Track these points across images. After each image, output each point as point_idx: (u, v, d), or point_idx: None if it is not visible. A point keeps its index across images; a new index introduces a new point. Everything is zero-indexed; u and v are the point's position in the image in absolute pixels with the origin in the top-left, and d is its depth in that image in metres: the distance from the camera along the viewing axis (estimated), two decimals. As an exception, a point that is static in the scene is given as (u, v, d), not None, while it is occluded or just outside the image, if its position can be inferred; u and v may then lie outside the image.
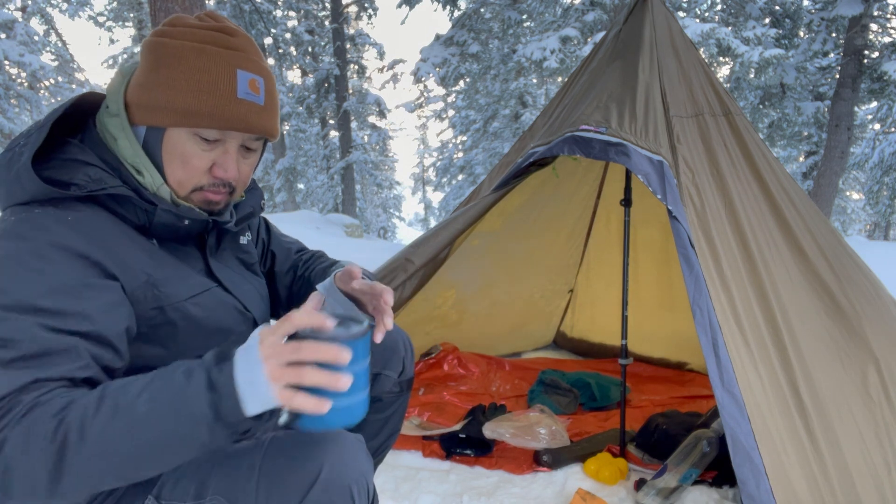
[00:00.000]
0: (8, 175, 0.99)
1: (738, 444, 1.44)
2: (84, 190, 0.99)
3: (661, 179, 1.75)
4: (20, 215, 0.96)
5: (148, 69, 1.04)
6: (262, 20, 15.39)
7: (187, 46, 1.03)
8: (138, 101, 1.04)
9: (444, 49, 12.12)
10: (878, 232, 23.51)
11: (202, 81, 1.02)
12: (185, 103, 1.02)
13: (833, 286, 1.85)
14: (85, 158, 1.02)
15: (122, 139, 1.05)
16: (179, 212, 1.07)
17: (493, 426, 2.25)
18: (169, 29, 1.05)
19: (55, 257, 0.92)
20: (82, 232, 0.96)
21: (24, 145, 1.00)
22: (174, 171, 1.06)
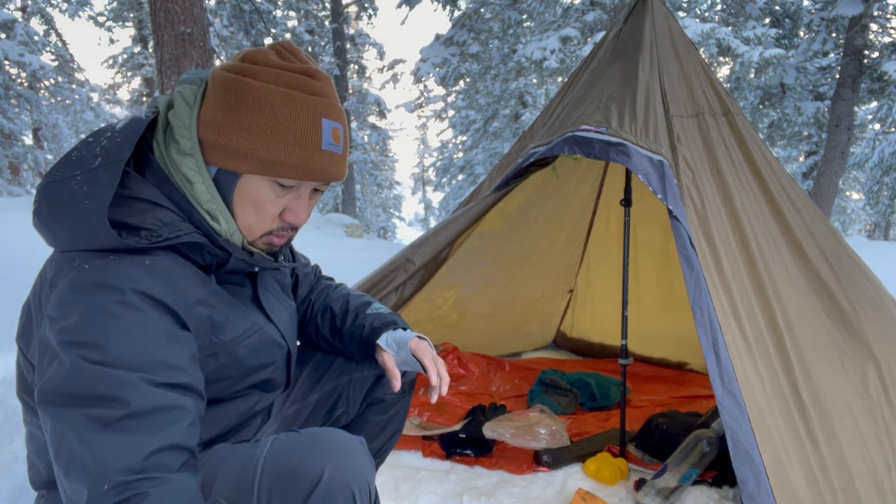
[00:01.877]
0: (72, 217, 0.90)
1: (738, 444, 1.44)
2: (158, 238, 0.92)
3: (662, 179, 1.75)
4: (94, 261, 0.89)
5: (226, 108, 0.96)
6: (262, 20, 15.38)
7: (273, 91, 0.95)
8: (213, 142, 0.97)
9: (444, 49, 12.12)
10: (878, 232, 23.51)
11: (289, 131, 0.96)
12: (269, 153, 0.96)
13: (833, 286, 1.85)
14: (152, 198, 0.95)
15: (199, 183, 0.98)
16: (253, 261, 1.05)
17: (493, 426, 2.25)
18: (251, 67, 0.97)
19: (143, 307, 0.88)
20: (161, 278, 0.92)
21: (86, 185, 0.90)
22: (246, 215, 1.02)
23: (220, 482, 0.96)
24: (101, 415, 0.81)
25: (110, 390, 0.82)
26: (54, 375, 0.84)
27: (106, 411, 0.82)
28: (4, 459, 2.07)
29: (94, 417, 0.81)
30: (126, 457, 0.80)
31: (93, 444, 0.80)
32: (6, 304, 4.76)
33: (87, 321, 0.85)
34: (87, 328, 0.85)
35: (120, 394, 0.82)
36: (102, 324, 0.85)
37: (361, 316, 1.37)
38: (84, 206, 0.89)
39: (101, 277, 0.88)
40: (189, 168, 0.97)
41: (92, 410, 0.82)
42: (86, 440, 0.81)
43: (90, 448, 0.80)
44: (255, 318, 1.12)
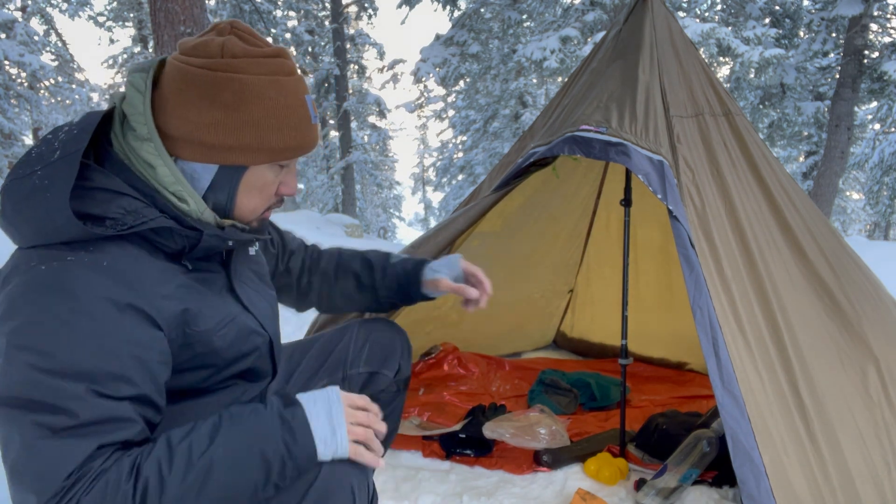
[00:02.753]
0: (35, 211, 0.89)
1: (738, 444, 1.44)
2: (124, 226, 0.92)
3: (662, 179, 1.75)
4: (51, 263, 0.88)
5: (224, 107, 0.96)
6: (262, 20, 15.38)
7: (264, 82, 0.97)
8: (217, 142, 0.97)
9: (444, 49, 12.11)
10: (878, 232, 23.51)
11: (289, 117, 1.00)
12: (276, 142, 1.00)
13: (833, 286, 1.85)
14: (114, 187, 0.94)
15: (161, 167, 0.97)
16: (225, 234, 1.04)
17: (493, 426, 2.25)
18: (233, 62, 0.96)
19: (99, 314, 0.87)
20: (122, 279, 0.90)
21: (45, 178, 0.90)
22: (251, 200, 1.06)
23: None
24: (50, 423, 0.82)
25: (59, 401, 0.82)
26: (3, 378, 0.84)
27: (54, 420, 0.82)
28: (4, 459, 2.06)
29: (42, 424, 0.82)
30: (70, 462, 0.81)
31: (42, 452, 0.81)
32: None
33: (38, 327, 0.85)
34: (37, 334, 0.84)
35: (69, 405, 0.83)
36: (53, 331, 0.84)
37: (390, 266, 1.51)
38: (45, 199, 0.88)
39: (56, 282, 0.86)
40: (149, 153, 0.97)
41: (40, 417, 0.82)
42: (34, 447, 0.81)
43: (39, 455, 0.81)
44: (231, 307, 1.10)
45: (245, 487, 0.88)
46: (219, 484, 0.86)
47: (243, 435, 0.89)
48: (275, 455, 0.89)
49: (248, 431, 0.90)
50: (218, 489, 0.86)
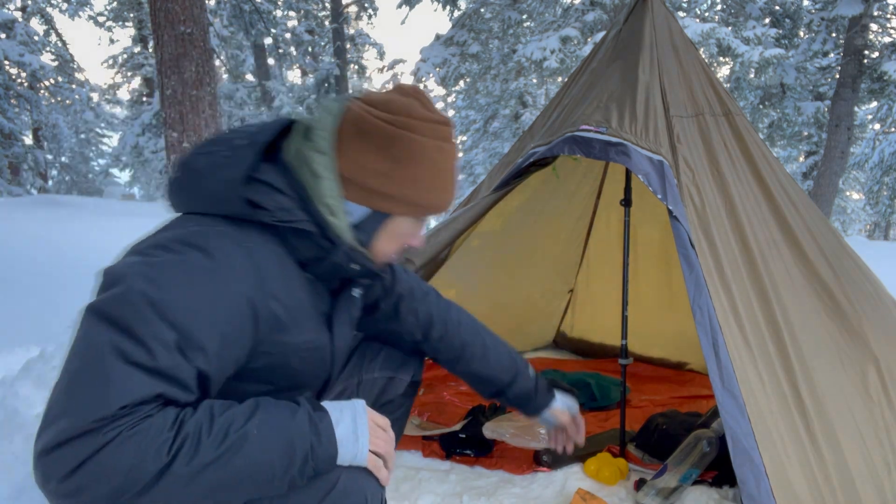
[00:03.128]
0: (210, 182, 1.01)
1: (738, 444, 1.44)
2: (273, 218, 1.01)
3: (662, 179, 1.75)
4: (204, 227, 0.98)
5: (391, 160, 1.06)
6: (262, 20, 15.38)
7: (431, 145, 1.07)
8: (376, 188, 1.07)
9: (444, 49, 12.11)
10: (878, 232, 23.51)
11: (443, 181, 1.11)
12: (427, 200, 1.11)
13: (833, 286, 1.85)
14: (277, 184, 1.03)
15: (325, 179, 1.05)
16: (356, 256, 1.11)
17: (493, 426, 2.25)
18: (409, 121, 1.06)
19: (221, 286, 0.94)
20: (254, 268, 0.99)
21: (227, 157, 1.02)
22: (387, 246, 1.16)
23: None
24: (128, 351, 0.85)
25: (147, 337, 0.86)
26: (112, 296, 0.89)
27: (134, 351, 0.86)
28: (4, 459, 2.07)
29: (120, 349, 0.85)
30: (130, 395, 0.84)
31: (109, 374, 0.84)
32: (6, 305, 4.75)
33: (168, 268, 0.92)
34: (164, 273, 0.91)
35: (153, 345, 0.86)
36: (178, 278, 0.92)
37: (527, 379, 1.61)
38: (223, 172, 1.00)
39: (202, 241, 0.95)
40: (320, 164, 1.06)
41: (122, 341, 0.86)
42: (103, 366, 0.84)
43: (104, 376, 0.84)
44: (321, 336, 1.17)
45: (266, 471, 0.91)
46: (245, 460, 0.89)
47: (276, 422, 0.93)
48: (300, 449, 0.93)
49: (280, 421, 0.94)
50: (242, 465, 0.89)
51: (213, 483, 0.87)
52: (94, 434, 0.81)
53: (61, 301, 4.61)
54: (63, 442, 0.81)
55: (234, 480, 0.89)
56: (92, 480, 0.81)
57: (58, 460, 0.81)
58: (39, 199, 10.97)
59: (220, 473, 0.87)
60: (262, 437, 0.91)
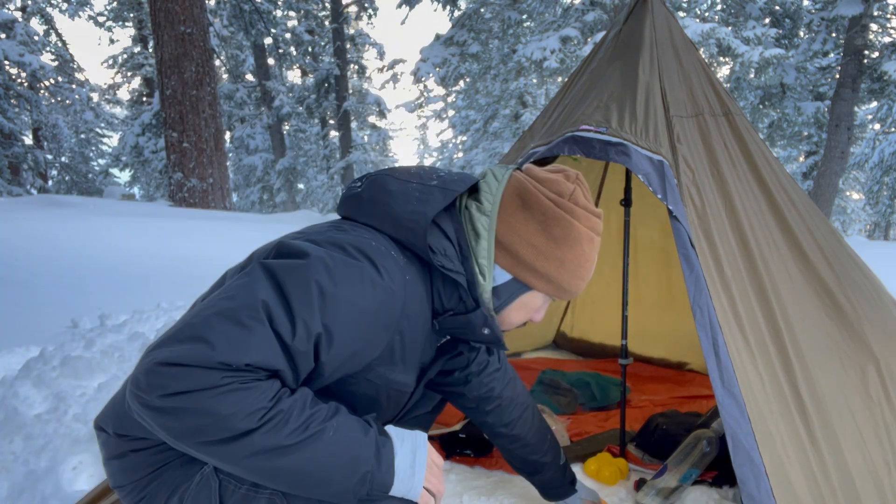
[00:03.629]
0: (400, 207, 1.07)
1: (738, 444, 1.44)
2: (437, 261, 1.07)
3: (662, 179, 1.75)
4: (381, 247, 1.03)
5: (549, 239, 1.13)
6: (262, 20, 15.38)
7: (585, 234, 1.15)
8: (527, 260, 1.13)
9: (444, 49, 12.11)
10: (878, 232, 23.51)
11: (585, 269, 1.17)
12: (567, 283, 1.16)
13: (833, 286, 1.85)
14: (448, 232, 1.11)
15: (485, 240, 1.13)
16: (490, 322, 1.16)
17: (493, 426, 2.24)
18: (574, 208, 1.14)
19: (378, 304, 0.99)
20: (406, 297, 1.04)
21: (421, 193, 1.09)
22: (515, 316, 1.21)
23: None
24: (278, 320, 0.90)
25: (299, 316, 0.91)
26: (291, 265, 0.94)
27: (282, 323, 0.90)
28: (4, 459, 2.07)
29: (273, 313, 0.90)
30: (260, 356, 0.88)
31: (255, 331, 0.88)
32: (6, 305, 4.74)
33: (347, 270, 0.97)
34: (342, 272, 0.96)
35: (299, 328, 0.91)
36: (353, 283, 0.96)
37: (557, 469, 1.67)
38: (413, 205, 1.07)
39: (378, 258, 1.01)
40: (482, 226, 1.14)
41: (277, 309, 0.90)
42: (254, 321, 0.88)
43: (251, 330, 0.88)
44: (413, 381, 1.20)
45: (327, 473, 0.94)
46: (312, 456, 0.92)
47: (349, 433, 0.96)
48: (363, 467, 0.96)
49: (353, 433, 0.97)
50: (308, 459, 0.91)
51: (277, 464, 0.90)
52: (214, 373, 0.85)
53: (61, 301, 4.61)
54: (186, 364, 0.84)
55: (296, 470, 0.92)
56: (187, 410, 0.84)
57: (171, 377, 0.84)
58: (39, 199, 10.96)
59: (288, 458, 0.90)
60: (336, 441, 0.94)
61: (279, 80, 19.20)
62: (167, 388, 0.84)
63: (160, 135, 15.60)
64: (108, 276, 5.37)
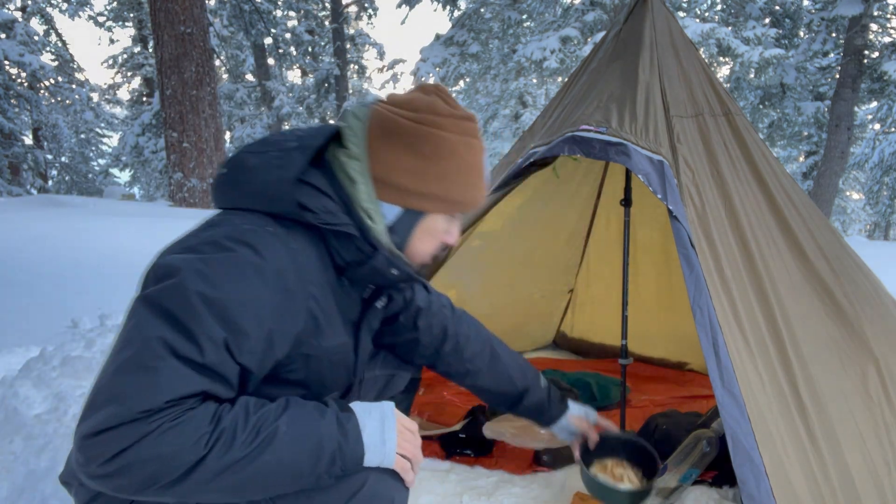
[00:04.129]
0: (262, 181, 1.04)
1: (738, 444, 1.44)
2: (319, 220, 1.03)
3: (662, 179, 1.75)
4: (254, 225, 1.00)
5: (420, 157, 1.08)
6: (262, 20, 15.37)
7: (458, 141, 1.10)
8: (406, 186, 1.09)
9: (444, 49, 12.12)
10: (878, 232, 23.51)
11: (474, 176, 1.13)
12: (458, 196, 1.12)
13: (833, 286, 1.85)
14: (322, 188, 1.06)
15: (361, 184, 1.09)
16: (394, 261, 1.12)
17: (493, 426, 2.24)
18: (435, 119, 1.09)
19: (271, 283, 0.97)
20: (301, 267, 1.01)
21: (280, 158, 1.05)
22: (422, 245, 1.17)
23: None
24: (179, 347, 0.88)
25: (198, 334, 0.89)
26: (167, 288, 0.92)
27: (184, 347, 0.88)
28: (4, 459, 2.07)
29: (170, 344, 0.88)
30: (177, 391, 0.87)
31: (159, 369, 0.87)
32: (6, 305, 4.74)
33: (222, 265, 0.94)
34: (218, 270, 0.93)
35: (203, 342, 0.89)
36: (231, 275, 0.94)
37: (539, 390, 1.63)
38: (274, 173, 1.03)
39: (254, 239, 0.97)
40: (354, 170, 1.09)
41: (173, 337, 0.88)
42: (154, 360, 0.87)
43: (154, 370, 0.87)
44: (348, 340, 1.18)
45: (293, 469, 0.94)
46: (273, 457, 0.91)
47: (305, 422, 0.95)
48: (328, 448, 0.96)
49: (309, 420, 0.96)
50: (271, 462, 0.91)
51: (241, 478, 0.90)
52: (138, 423, 0.84)
53: (61, 301, 4.61)
54: (108, 428, 0.84)
55: (262, 476, 0.91)
56: (131, 466, 0.84)
57: (101, 444, 0.84)
58: (39, 199, 10.96)
59: (249, 469, 0.90)
60: (292, 435, 0.93)
61: (279, 80, 19.20)
62: (103, 455, 0.84)
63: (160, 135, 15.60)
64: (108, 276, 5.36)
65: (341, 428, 0.97)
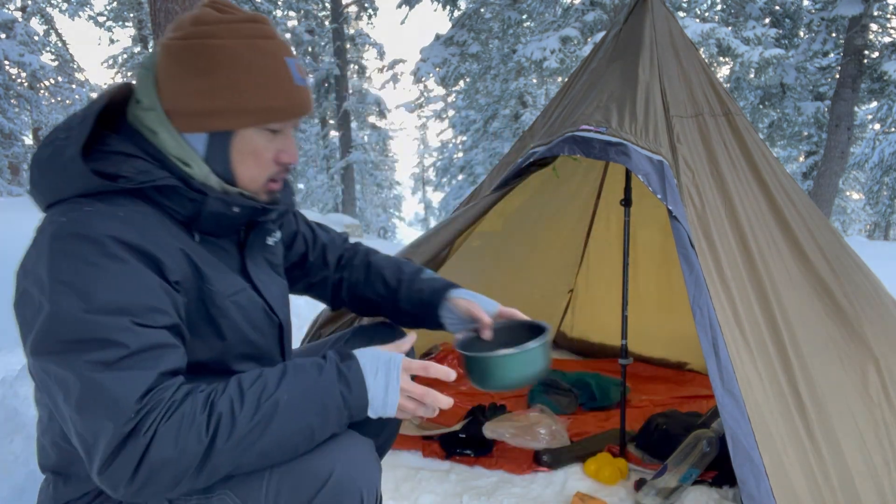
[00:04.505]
0: (51, 170, 0.99)
1: (738, 444, 1.44)
2: (134, 182, 0.97)
3: (662, 179, 1.75)
4: (71, 214, 0.94)
5: (200, 73, 0.99)
6: (262, 20, 15.34)
7: (238, 45, 1.00)
8: (199, 109, 1.01)
9: (444, 49, 12.11)
10: (878, 232, 23.49)
11: (267, 79, 1.02)
12: (254, 103, 1.01)
13: (833, 286, 1.85)
14: (128, 150, 1.00)
15: (162, 132, 1.02)
16: (230, 199, 1.07)
17: (493, 426, 2.25)
18: (205, 28, 1.00)
19: (123, 255, 0.93)
20: (138, 228, 0.96)
21: (65, 139, 0.98)
22: (248, 169, 1.08)
23: (229, 475, 0.96)
24: (104, 357, 0.87)
25: (108, 335, 0.88)
26: (45, 325, 0.89)
27: (107, 354, 0.87)
28: (4, 459, 2.07)
29: (96, 361, 0.87)
30: (137, 388, 0.87)
31: (105, 384, 0.86)
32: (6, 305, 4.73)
33: (72, 272, 0.90)
34: (73, 278, 0.90)
35: (118, 337, 0.88)
36: (87, 274, 0.90)
37: (419, 280, 1.47)
38: (63, 156, 0.96)
39: (79, 229, 0.92)
40: (152, 121, 1.03)
41: (93, 355, 0.87)
42: (95, 382, 0.87)
43: (103, 387, 0.86)
44: (241, 281, 1.15)
45: (305, 432, 0.95)
46: (281, 426, 0.92)
47: (304, 384, 0.95)
48: (332, 404, 0.95)
49: (308, 381, 0.96)
50: (280, 430, 0.92)
51: (259, 449, 0.91)
52: (133, 437, 0.86)
53: (61, 301, 4.60)
54: (112, 454, 0.86)
55: (278, 444, 0.93)
56: (151, 476, 0.87)
57: (116, 471, 0.87)
58: (39, 199, 10.97)
59: (261, 442, 0.91)
60: (294, 402, 0.93)
61: (279, 80, 19.16)
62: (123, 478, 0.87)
63: (160, 135, 15.55)
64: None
65: (342, 378, 0.97)
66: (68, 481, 1.08)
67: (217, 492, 0.97)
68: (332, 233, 1.56)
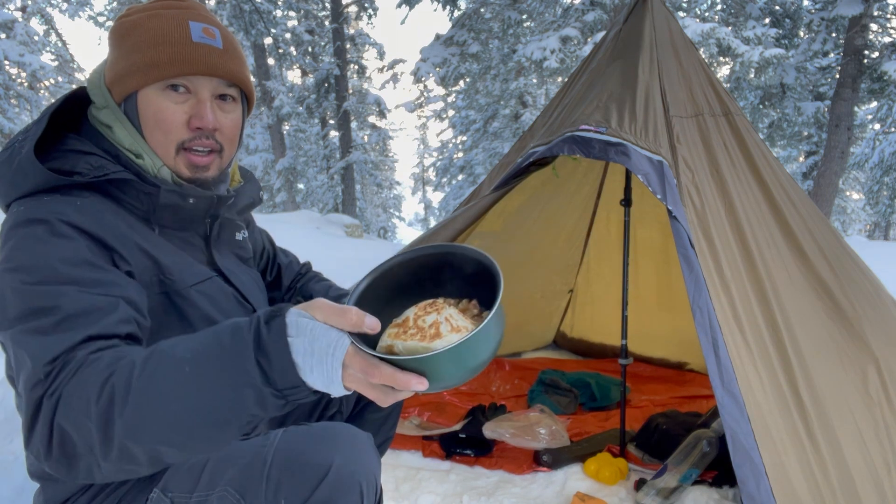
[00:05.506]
0: (9, 169, 1.01)
1: (738, 444, 1.44)
2: (87, 177, 1.01)
3: (661, 179, 1.75)
4: (28, 204, 0.98)
5: (111, 49, 1.09)
6: (262, 20, 15.38)
7: (142, 17, 1.07)
8: (111, 82, 1.08)
9: (444, 49, 12.10)
10: (878, 232, 23.49)
11: (157, 35, 1.05)
12: (144, 59, 1.04)
13: (833, 286, 1.85)
14: (84, 148, 1.05)
15: (116, 127, 1.08)
16: (183, 190, 1.09)
17: (493, 426, 2.25)
18: (125, 12, 1.11)
19: (73, 236, 0.94)
20: (91, 215, 0.98)
21: (23, 140, 1.02)
22: (154, 134, 1.07)
23: (229, 472, 0.96)
24: (42, 325, 0.86)
25: (48, 302, 0.87)
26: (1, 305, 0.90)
27: (45, 321, 0.86)
28: (4, 459, 2.07)
29: (36, 329, 0.86)
30: (54, 350, 0.82)
31: (27, 348, 0.84)
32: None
33: (22, 249, 0.92)
34: (22, 255, 0.91)
35: (56, 302, 0.87)
36: (35, 250, 0.92)
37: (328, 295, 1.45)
38: (19, 154, 1.00)
39: (32, 214, 0.95)
40: (106, 117, 1.09)
41: (34, 322, 0.86)
42: (27, 345, 0.85)
43: (24, 353, 0.84)
44: (208, 271, 1.15)
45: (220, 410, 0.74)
46: (187, 400, 0.74)
47: (215, 353, 0.75)
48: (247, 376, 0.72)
49: (219, 349, 0.75)
50: (188, 406, 0.74)
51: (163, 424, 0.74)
52: (45, 401, 0.79)
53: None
54: (30, 423, 0.81)
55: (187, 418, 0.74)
56: (64, 444, 0.78)
57: (35, 442, 0.81)
58: (39, 199, 10.94)
59: (165, 412, 0.74)
60: (197, 368, 0.74)
61: (279, 80, 19.19)
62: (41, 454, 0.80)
63: (160, 135, 15.55)
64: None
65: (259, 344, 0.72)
66: (56, 484, 1.08)
67: (217, 488, 0.96)
68: (290, 257, 1.60)
